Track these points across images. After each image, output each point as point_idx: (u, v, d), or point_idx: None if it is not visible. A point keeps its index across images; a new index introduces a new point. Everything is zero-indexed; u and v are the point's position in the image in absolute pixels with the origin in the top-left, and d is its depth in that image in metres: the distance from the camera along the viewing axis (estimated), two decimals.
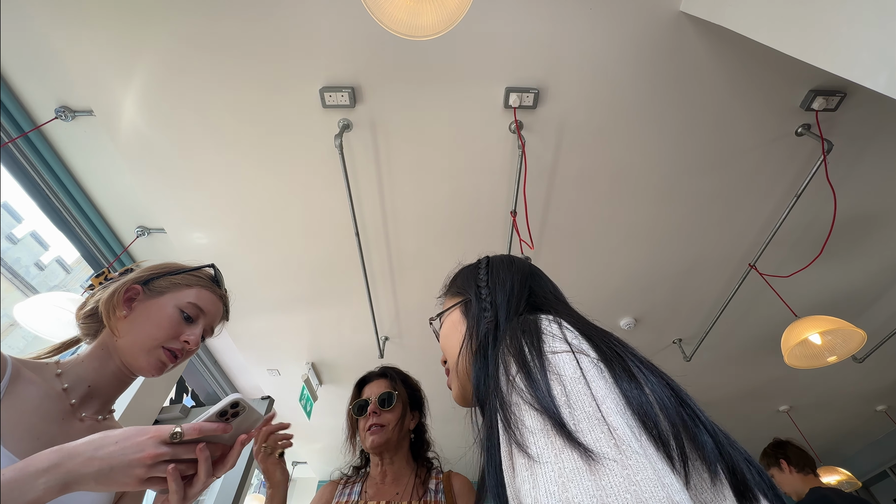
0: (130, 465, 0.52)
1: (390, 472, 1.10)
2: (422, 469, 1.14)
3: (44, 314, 1.68)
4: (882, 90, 0.80)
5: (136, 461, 0.52)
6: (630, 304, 2.45)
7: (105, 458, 0.51)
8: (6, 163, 1.74)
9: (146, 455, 0.53)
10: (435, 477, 1.11)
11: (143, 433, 0.54)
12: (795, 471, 1.99)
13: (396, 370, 1.27)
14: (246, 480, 3.08)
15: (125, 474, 0.52)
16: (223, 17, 1.34)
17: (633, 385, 0.40)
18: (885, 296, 2.38)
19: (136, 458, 0.52)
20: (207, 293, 0.84)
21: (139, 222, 2.15)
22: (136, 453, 0.52)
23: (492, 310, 0.60)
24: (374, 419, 1.11)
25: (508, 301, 0.60)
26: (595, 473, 0.32)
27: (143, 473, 0.53)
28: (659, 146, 1.70)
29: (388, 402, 1.14)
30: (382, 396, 1.15)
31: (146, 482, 0.54)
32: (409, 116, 1.61)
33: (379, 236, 2.04)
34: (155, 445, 0.53)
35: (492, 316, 0.59)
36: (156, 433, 0.54)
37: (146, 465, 0.53)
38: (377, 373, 1.26)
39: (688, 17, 1.34)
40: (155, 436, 0.54)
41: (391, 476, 1.09)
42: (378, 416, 1.11)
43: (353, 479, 1.15)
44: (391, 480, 1.09)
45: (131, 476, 0.52)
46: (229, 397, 0.60)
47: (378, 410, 1.12)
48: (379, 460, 1.11)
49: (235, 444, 0.61)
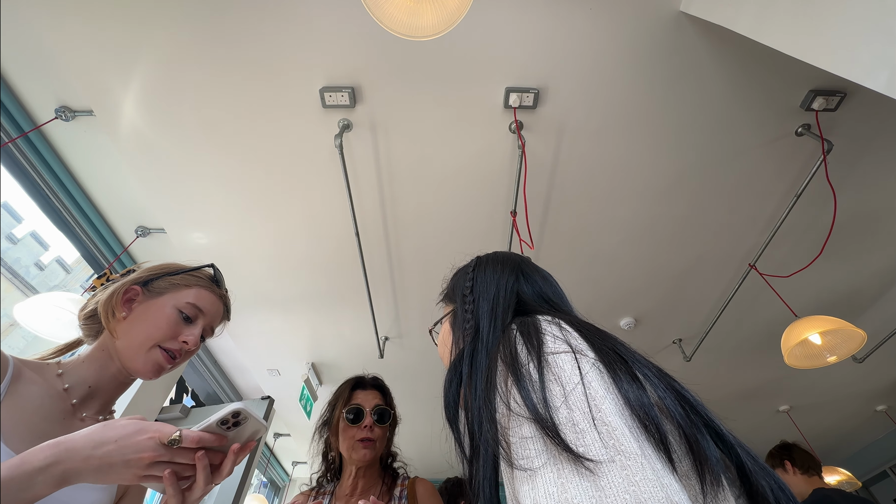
0: (128, 466, 0.52)
1: (362, 483, 1.10)
2: (388, 477, 1.14)
3: (44, 314, 1.68)
4: (882, 90, 0.80)
5: (133, 461, 0.52)
6: (630, 304, 2.45)
7: (103, 458, 0.51)
8: (6, 163, 1.74)
9: (144, 457, 0.53)
10: (400, 484, 1.12)
11: (143, 432, 0.54)
12: (800, 472, 2.01)
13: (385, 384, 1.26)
14: (246, 481, 3.08)
15: (122, 473, 0.52)
16: (223, 17, 1.34)
17: (633, 387, 0.40)
18: (885, 296, 2.38)
19: (133, 459, 0.52)
20: (207, 293, 0.84)
21: (139, 222, 2.15)
22: (134, 454, 0.52)
23: (472, 320, 0.58)
24: (368, 433, 1.10)
25: (492, 310, 0.58)
26: (594, 474, 0.32)
27: (140, 472, 0.53)
28: (659, 146, 1.70)
29: (384, 419, 1.14)
30: (380, 411, 1.14)
31: (143, 479, 0.54)
32: (409, 116, 1.61)
33: (379, 236, 2.04)
34: (153, 448, 0.53)
35: (471, 328, 0.57)
36: (155, 433, 0.54)
37: (143, 465, 0.53)
38: (371, 382, 1.23)
39: (688, 17, 1.34)
40: (154, 436, 0.54)
41: (362, 487, 1.09)
42: (371, 431, 1.10)
43: (323, 491, 1.14)
44: (361, 492, 1.09)
45: (128, 475, 0.53)
46: (232, 406, 0.58)
47: (373, 425, 1.11)
48: (354, 471, 1.11)
49: (228, 453, 0.59)
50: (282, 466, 4.66)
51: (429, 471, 4.11)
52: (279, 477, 4.64)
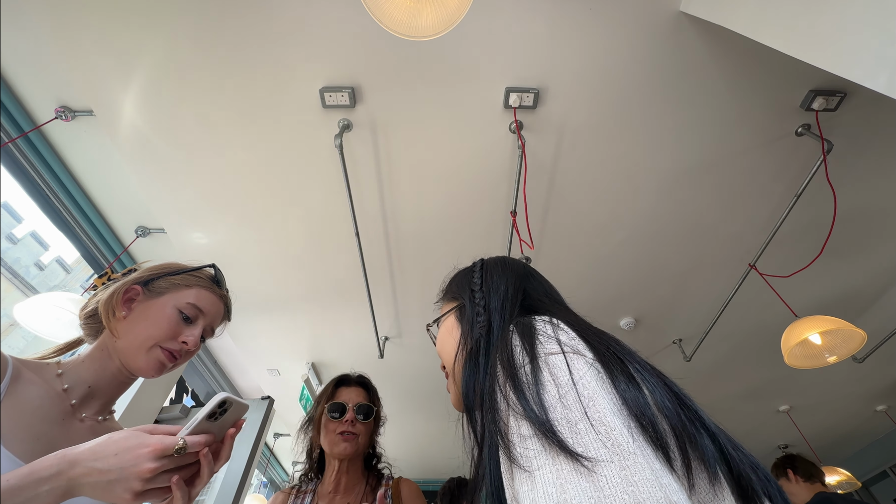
0: (128, 479, 0.51)
1: (344, 480, 1.11)
2: (372, 477, 1.16)
3: (44, 314, 1.68)
4: (882, 90, 0.80)
5: (133, 475, 0.51)
6: (630, 304, 2.45)
7: (103, 471, 0.51)
8: (6, 163, 1.74)
9: (144, 469, 0.52)
10: (385, 484, 1.13)
11: (143, 445, 0.53)
12: (802, 480, 2.04)
13: (370, 382, 1.28)
14: (246, 480, 3.08)
15: (123, 488, 0.51)
16: (223, 17, 1.34)
17: (630, 386, 0.40)
18: (885, 296, 2.38)
19: (133, 472, 0.51)
20: (207, 293, 0.84)
21: (139, 222, 2.15)
22: (133, 467, 0.52)
23: (485, 314, 0.60)
24: (350, 427, 1.12)
25: (502, 305, 0.60)
26: (593, 474, 0.32)
27: (140, 487, 0.52)
28: (659, 146, 1.70)
29: (368, 415, 1.16)
30: (362, 407, 1.16)
31: (143, 495, 0.53)
32: (409, 116, 1.61)
33: (379, 236, 2.04)
34: (153, 460, 0.52)
35: (485, 320, 0.59)
36: (156, 446, 0.53)
37: (143, 479, 0.52)
38: (356, 380, 1.26)
39: (688, 17, 1.34)
40: (154, 449, 0.53)
41: (344, 485, 1.10)
42: (353, 426, 1.13)
43: (304, 490, 1.15)
44: (343, 490, 1.10)
45: (129, 490, 0.52)
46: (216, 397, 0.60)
47: (354, 420, 1.14)
48: (337, 466, 1.12)
49: (225, 438, 0.61)
50: (282, 466, 4.66)
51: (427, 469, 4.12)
52: (279, 477, 4.64)
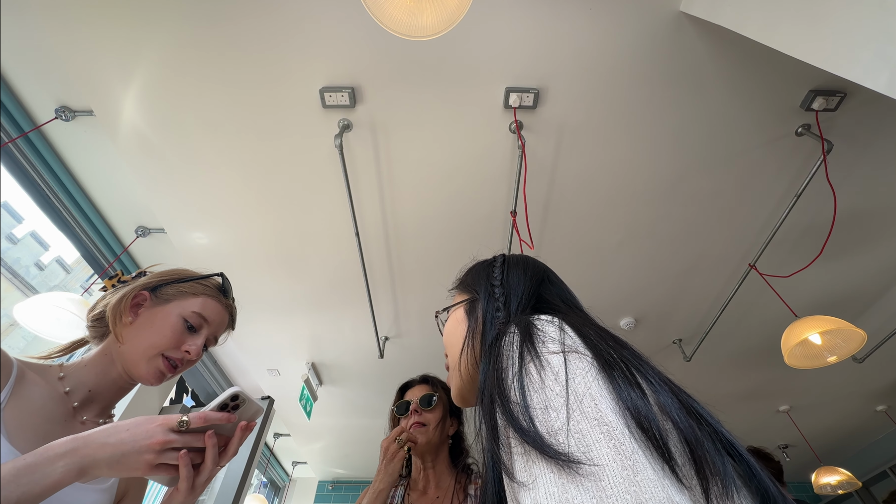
0: (140, 451, 0.54)
1: (433, 477, 1.13)
2: (462, 475, 1.16)
3: (44, 314, 1.67)
4: (882, 90, 0.80)
5: (146, 447, 0.55)
6: (630, 304, 2.45)
7: (117, 444, 0.54)
8: (6, 163, 1.74)
9: (156, 441, 0.55)
10: (474, 482, 1.13)
11: (153, 420, 0.57)
12: None
13: (436, 378, 1.30)
14: (246, 480, 3.08)
15: (136, 460, 0.54)
16: (223, 17, 1.34)
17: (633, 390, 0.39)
18: (885, 296, 2.38)
19: (146, 444, 0.55)
20: (213, 303, 0.84)
21: (139, 222, 2.15)
22: (146, 439, 0.55)
23: (504, 310, 0.60)
24: (416, 417, 1.16)
25: (519, 305, 0.60)
26: (594, 474, 0.32)
27: (152, 459, 0.55)
28: (659, 146, 1.70)
29: (429, 402, 1.19)
30: (424, 398, 1.20)
31: (155, 469, 0.56)
32: (410, 116, 1.61)
33: (379, 236, 2.04)
34: (164, 432, 0.56)
35: (504, 317, 0.59)
36: (164, 421, 0.57)
37: (155, 451, 0.55)
38: (418, 380, 1.30)
39: (688, 17, 1.34)
40: (164, 423, 0.57)
41: (433, 481, 1.13)
42: (419, 415, 1.16)
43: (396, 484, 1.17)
44: (433, 486, 1.12)
45: (141, 462, 0.55)
46: (229, 390, 0.62)
47: (419, 409, 1.17)
48: (421, 464, 1.15)
49: (237, 431, 0.63)
50: (282, 466, 4.66)
51: None
52: (279, 477, 4.64)
